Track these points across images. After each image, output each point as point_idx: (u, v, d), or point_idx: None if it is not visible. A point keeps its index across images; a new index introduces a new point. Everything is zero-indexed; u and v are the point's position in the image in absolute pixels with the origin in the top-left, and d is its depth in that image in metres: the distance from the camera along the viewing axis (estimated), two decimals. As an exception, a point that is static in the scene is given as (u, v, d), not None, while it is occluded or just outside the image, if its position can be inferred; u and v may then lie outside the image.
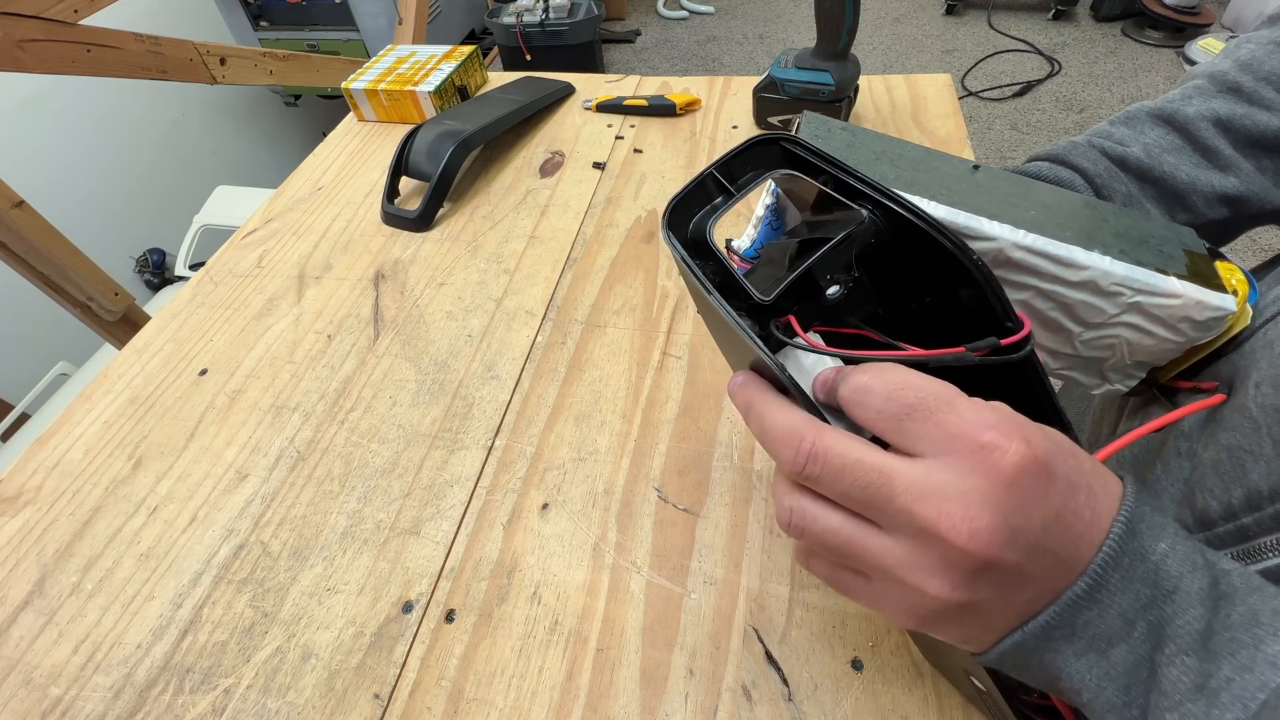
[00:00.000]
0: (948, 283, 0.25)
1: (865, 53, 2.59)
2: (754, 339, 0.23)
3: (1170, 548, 0.20)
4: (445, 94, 0.81)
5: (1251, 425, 0.24)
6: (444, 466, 0.47)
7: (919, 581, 0.20)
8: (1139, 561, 0.20)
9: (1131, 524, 0.20)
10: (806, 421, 0.22)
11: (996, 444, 0.18)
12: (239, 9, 1.97)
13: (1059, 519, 0.19)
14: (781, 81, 0.69)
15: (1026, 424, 0.20)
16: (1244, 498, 0.24)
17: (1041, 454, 0.19)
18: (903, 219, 0.24)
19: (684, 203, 0.26)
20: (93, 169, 1.74)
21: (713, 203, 0.26)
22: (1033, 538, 0.19)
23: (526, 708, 0.36)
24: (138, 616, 0.41)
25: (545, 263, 0.62)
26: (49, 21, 1.06)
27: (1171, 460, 0.30)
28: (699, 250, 0.25)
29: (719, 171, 0.26)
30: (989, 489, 0.18)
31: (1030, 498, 0.19)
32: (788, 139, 0.26)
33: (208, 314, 0.61)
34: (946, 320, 0.26)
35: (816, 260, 0.25)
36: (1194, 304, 0.28)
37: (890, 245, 0.26)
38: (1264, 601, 0.20)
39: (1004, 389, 0.24)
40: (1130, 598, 0.20)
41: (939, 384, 0.20)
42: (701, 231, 0.26)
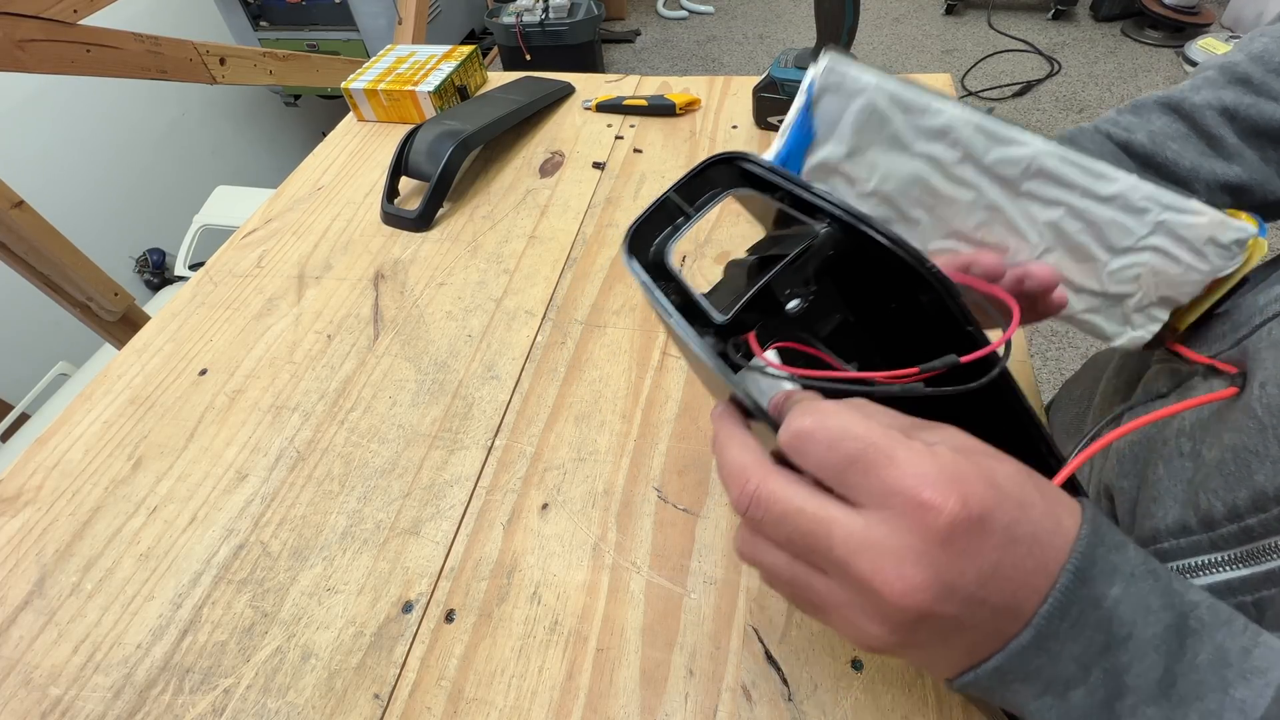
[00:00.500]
0: (909, 291, 0.26)
1: (865, 53, 2.59)
2: (713, 358, 0.23)
3: (1123, 593, 0.20)
4: (445, 94, 0.81)
5: (1257, 426, 0.24)
6: (444, 466, 0.47)
7: (860, 623, 0.21)
8: (1091, 609, 0.20)
9: (1082, 572, 0.20)
10: (756, 463, 0.22)
11: (932, 503, 0.19)
12: (239, 9, 1.97)
13: (996, 573, 0.19)
14: (781, 81, 0.69)
15: (968, 475, 0.19)
16: (1249, 499, 0.24)
17: (978, 511, 0.19)
18: (860, 231, 0.25)
19: (644, 226, 0.26)
20: (92, 169, 1.74)
21: (673, 223, 0.26)
22: (968, 592, 0.19)
23: (526, 708, 0.36)
24: (137, 616, 0.41)
25: (545, 263, 0.62)
26: (48, 21, 1.06)
27: (1174, 461, 0.30)
28: (659, 272, 0.26)
29: (677, 194, 0.26)
30: (922, 547, 0.19)
31: (964, 554, 0.19)
32: (744, 158, 0.27)
33: (207, 314, 0.61)
34: (916, 327, 0.26)
35: (773, 276, 0.25)
36: (1218, 223, 0.30)
37: (851, 256, 0.26)
38: (1232, 639, 0.20)
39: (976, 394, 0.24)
40: (1082, 644, 0.20)
41: (880, 432, 0.20)
42: (662, 254, 0.26)
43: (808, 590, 0.22)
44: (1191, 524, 0.26)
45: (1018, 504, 0.20)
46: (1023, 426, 0.26)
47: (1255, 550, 0.24)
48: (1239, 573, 0.24)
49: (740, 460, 0.23)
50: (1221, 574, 0.25)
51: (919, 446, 0.20)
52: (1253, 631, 0.20)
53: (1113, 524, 0.22)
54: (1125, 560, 0.20)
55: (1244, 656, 0.19)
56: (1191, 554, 0.26)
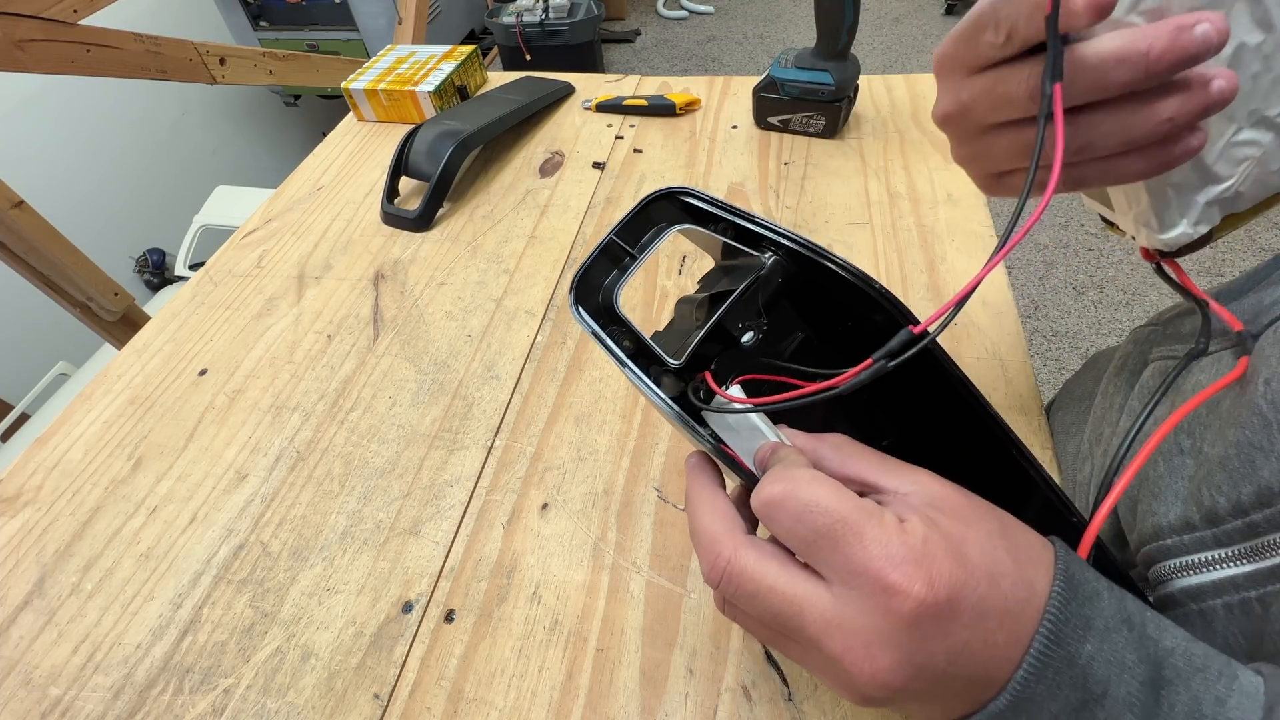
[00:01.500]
0: (862, 310, 0.26)
1: (865, 52, 2.59)
2: (673, 410, 0.22)
3: (1097, 649, 0.20)
4: (445, 94, 0.81)
5: (1262, 422, 0.24)
6: (444, 466, 0.47)
7: (836, 688, 0.21)
8: (1065, 667, 0.20)
9: (1056, 632, 0.20)
10: (727, 533, 0.23)
11: (898, 586, 0.19)
12: (238, 9, 1.97)
13: (965, 650, 0.19)
14: (781, 81, 0.69)
15: (936, 552, 0.19)
16: (1254, 494, 0.24)
17: (945, 593, 0.19)
18: (807, 257, 0.25)
19: (590, 271, 0.26)
20: (92, 169, 1.74)
21: (620, 265, 0.26)
22: (937, 670, 0.20)
23: (526, 708, 0.36)
24: (137, 617, 0.41)
25: (545, 263, 0.62)
26: (48, 21, 1.06)
27: (1174, 457, 0.30)
28: (611, 317, 0.25)
29: (618, 235, 0.26)
30: (889, 630, 0.19)
31: (932, 636, 0.19)
32: (685, 192, 0.26)
33: (207, 314, 0.61)
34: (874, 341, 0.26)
35: (724, 313, 0.25)
36: None
37: (802, 280, 0.26)
38: (1207, 688, 0.20)
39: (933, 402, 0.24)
40: (1060, 703, 0.20)
41: (850, 506, 0.20)
42: (611, 299, 0.26)
43: (787, 652, 0.23)
44: (1195, 520, 0.26)
45: (988, 578, 0.20)
46: (1007, 454, 0.26)
47: (1260, 546, 0.24)
48: (1243, 569, 0.24)
49: (711, 530, 0.23)
50: (1226, 570, 0.25)
51: (889, 521, 0.20)
52: (1228, 677, 0.20)
53: (1085, 566, 0.22)
54: (1098, 612, 0.20)
55: (1219, 706, 0.20)
56: (1195, 550, 0.26)
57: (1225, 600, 0.24)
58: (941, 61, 0.26)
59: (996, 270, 0.55)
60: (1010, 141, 0.26)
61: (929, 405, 0.27)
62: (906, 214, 0.61)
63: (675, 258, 0.60)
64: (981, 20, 0.23)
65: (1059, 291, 1.69)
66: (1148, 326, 0.40)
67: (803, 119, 0.70)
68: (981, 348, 0.50)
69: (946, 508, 0.21)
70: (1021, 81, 0.23)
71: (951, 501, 0.22)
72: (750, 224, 0.26)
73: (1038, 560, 0.21)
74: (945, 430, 0.27)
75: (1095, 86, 0.22)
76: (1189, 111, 0.22)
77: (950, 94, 0.26)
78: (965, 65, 0.25)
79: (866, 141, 0.70)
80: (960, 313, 0.52)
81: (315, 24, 1.99)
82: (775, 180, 0.67)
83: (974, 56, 0.25)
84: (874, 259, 0.58)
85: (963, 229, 0.59)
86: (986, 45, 0.24)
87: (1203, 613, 0.25)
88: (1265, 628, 0.23)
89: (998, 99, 0.24)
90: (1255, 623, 0.24)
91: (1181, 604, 0.26)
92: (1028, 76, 0.23)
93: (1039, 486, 0.26)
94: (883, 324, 0.26)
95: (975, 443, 0.26)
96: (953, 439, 0.27)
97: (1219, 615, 0.25)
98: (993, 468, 0.26)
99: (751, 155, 0.71)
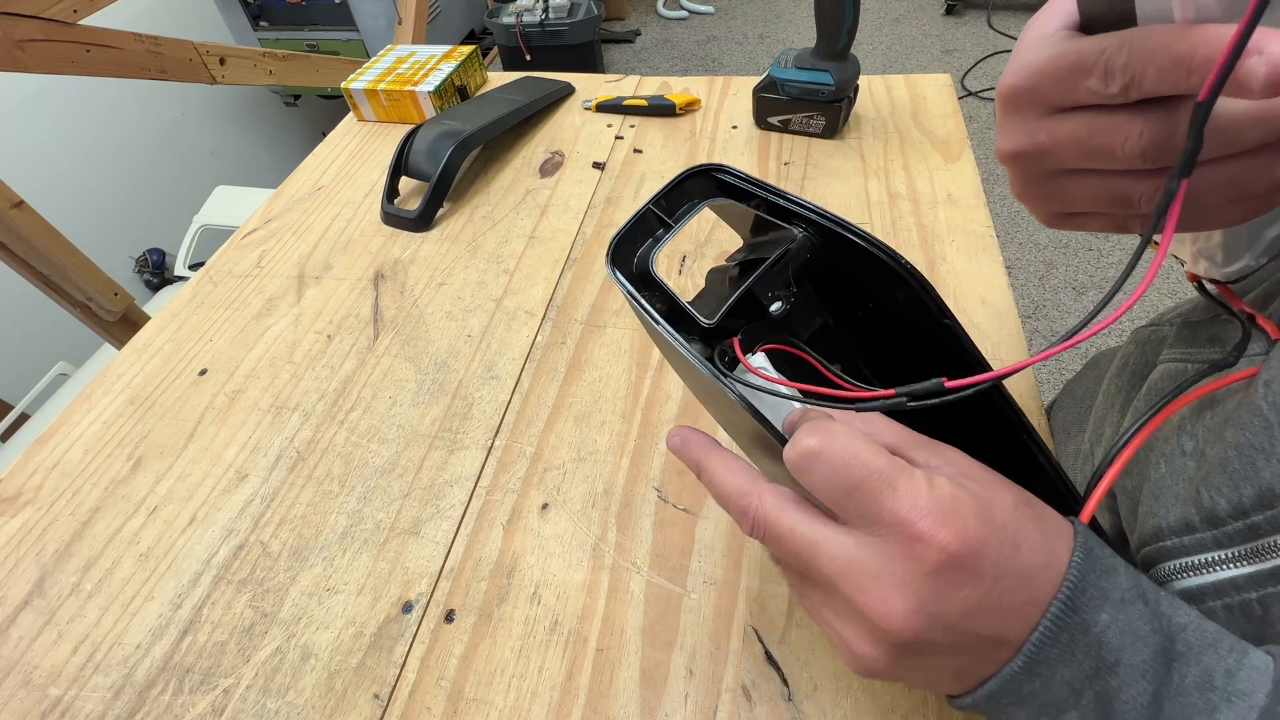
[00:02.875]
0: (886, 288, 0.26)
1: (865, 53, 2.59)
2: (703, 363, 0.23)
3: (1113, 618, 0.20)
4: (445, 94, 0.81)
5: (1263, 424, 0.24)
6: (444, 466, 0.47)
7: (849, 639, 0.22)
8: (1080, 634, 0.20)
9: (1073, 599, 0.20)
10: (751, 482, 0.24)
11: (926, 534, 0.19)
12: (238, 9, 1.97)
13: (982, 606, 0.20)
14: (781, 81, 0.69)
15: (965, 509, 0.20)
16: (1255, 496, 0.24)
17: (969, 547, 0.19)
18: (836, 233, 0.26)
19: (626, 239, 0.27)
20: (92, 169, 1.74)
21: (654, 235, 0.27)
22: (951, 621, 0.20)
23: (526, 708, 0.36)
24: (137, 617, 0.41)
25: (545, 263, 0.62)
26: (48, 21, 1.06)
27: (1176, 459, 0.30)
28: (644, 282, 0.27)
29: (656, 206, 0.27)
30: (907, 575, 0.20)
31: (951, 587, 0.20)
32: (721, 169, 0.27)
33: (207, 314, 0.61)
34: (895, 325, 0.26)
35: (755, 280, 0.26)
36: None
37: (828, 258, 0.27)
38: (1218, 661, 0.20)
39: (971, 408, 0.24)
40: (1074, 669, 0.20)
41: (885, 460, 0.21)
42: (645, 264, 0.27)
43: (807, 599, 0.24)
44: (1195, 522, 0.26)
45: (1011, 541, 0.20)
46: (1019, 439, 0.26)
47: (1260, 547, 0.24)
48: (1244, 570, 0.24)
49: (735, 484, 0.24)
50: (1226, 571, 0.25)
51: (920, 477, 0.21)
52: (1239, 652, 0.21)
53: (1104, 544, 0.22)
54: (1115, 585, 0.21)
55: (1229, 679, 0.20)
56: (1195, 551, 0.26)
57: (1225, 602, 0.24)
58: (1015, 95, 0.24)
59: (996, 270, 0.55)
60: (1094, 190, 0.23)
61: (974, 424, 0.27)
62: (907, 214, 0.61)
63: (676, 258, 0.60)
64: (1084, 63, 0.21)
65: (1059, 291, 1.69)
66: (1149, 327, 0.39)
67: (803, 119, 0.70)
68: (981, 348, 0.49)
69: (976, 477, 0.22)
70: (1131, 138, 0.21)
71: (980, 474, 0.22)
72: (782, 199, 0.27)
73: (1059, 533, 0.21)
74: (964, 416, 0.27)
75: (1221, 146, 0.20)
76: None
77: (1024, 132, 0.24)
78: (1048, 104, 0.23)
79: (866, 142, 0.70)
80: (960, 313, 0.52)
81: (315, 24, 1.99)
82: (775, 180, 0.67)
83: (1063, 98, 0.22)
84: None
85: (963, 229, 0.59)
86: (1087, 91, 0.21)
87: (1203, 614, 0.25)
88: (1265, 629, 0.23)
89: (1092, 149, 0.22)
90: (1255, 624, 0.24)
91: None
92: (1139, 134, 0.20)
93: (1048, 474, 0.26)
94: (905, 302, 0.26)
95: (989, 426, 0.27)
96: (970, 422, 0.27)
97: (1219, 617, 0.25)
98: (1005, 452, 0.26)
99: (751, 155, 0.71)
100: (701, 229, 0.63)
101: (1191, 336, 0.35)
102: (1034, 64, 0.22)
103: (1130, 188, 0.22)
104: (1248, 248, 0.29)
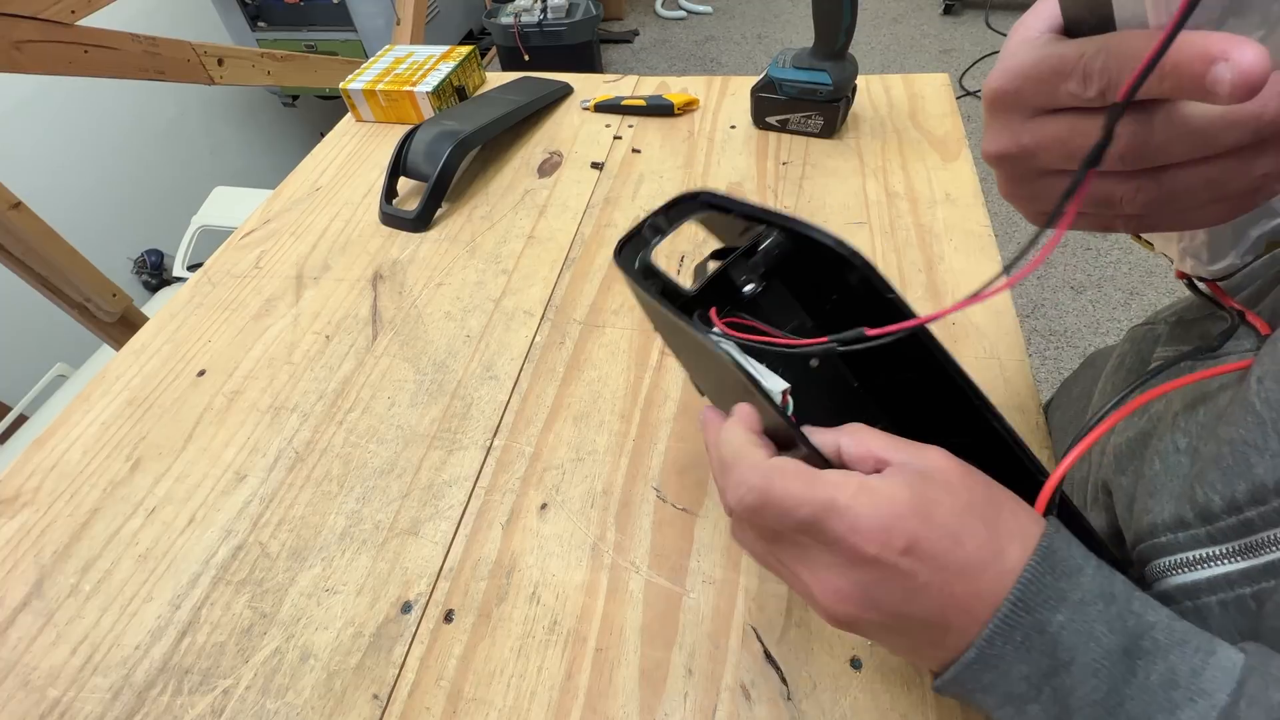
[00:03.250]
0: (840, 275, 0.31)
1: (863, 52, 2.59)
2: (687, 320, 0.28)
3: (1068, 619, 0.21)
4: (443, 94, 0.81)
5: (1256, 420, 0.24)
6: (442, 467, 0.47)
7: (815, 607, 0.25)
8: (1036, 634, 0.22)
9: (1024, 600, 0.22)
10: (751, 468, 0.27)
11: (855, 546, 0.23)
12: (236, 9, 1.97)
13: (918, 593, 0.22)
14: (779, 81, 0.69)
15: (903, 512, 0.22)
16: (1248, 492, 0.24)
17: (901, 544, 0.22)
18: (797, 232, 0.31)
19: (628, 240, 0.32)
20: (90, 170, 1.74)
21: (649, 242, 0.33)
22: (890, 606, 0.23)
23: (525, 707, 0.36)
24: (136, 618, 0.41)
25: (543, 263, 0.62)
26: (46, 22, 1.06)
27: (1170, 456, 0.30)
28: (645, 273, 0.32)
29: (653, 217, 0.33)
30: (849, 565, 0.23)
31: (887, 575, 0.23)
32: (706, 193, 0.33)
33: (206, 315, 0.61)
34: (856, 316, 0.30)
35: (730, 262, 0.32)
36: None
37: (795, 257, 0.32)
38: (1184, 660, 0.21)
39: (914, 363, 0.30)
40: (1030, 665, 0.22)
41: (820, 492, 0.23)
42: (645, 261, 0.32)
43: (780, 569, 0.27)
44: (1189, 518, 0.26)
45: (950, 537, 0.22)
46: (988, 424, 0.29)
47: (1254, 543, 0.24)
48: (1238, 565, 0.24)
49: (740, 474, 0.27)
50: (1220, 567, 0.25)
51: (853, 495, 0.23)
52: (1205, 651, 0.21)
53: (1076, 546, 0.23)
54: (1075, 586, 0.22)
55: (1193, 678, 0.20)
56: (1190, 548, 0.26)
57: (1220, 597, 0.25)
58: (999, 98, 0.24)
59: (994, 270, 0.55)
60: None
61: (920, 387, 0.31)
62: (905, 214, 0.61)
63: (675, 257, 0.61)
64: (1065, 67, 0.21)
65: (1057, 290, 1.69)
66: (1144, 325, 0.40)
67: (801, 119, 0.71)
68: (980, 347, 0.50)
69: (937, 477, 0.24)
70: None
71: (945, 473, 0.24)
72: (753, 209, 0.32)
73: (1018, 534, 0.23)
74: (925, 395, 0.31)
75: (1197, 148, 0.20)
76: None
77: (1009, 134, 0.25)
78: (1031, 107, 0.23)
79: (865, 141, 0.70)
80: (959, 312, 0.52)
81: (313, 24, 1.99)
82: (773, 180, 0.67)
83: (1045, 101, 0.23)
84: (872, 258, 0.58)
85: (961, 228, 0.59)
86: (1067, 94, 0.22)
87: (1198, 609, 0.25)
88: (1259, 624, 0.23)
89: (1073, 151, 0.22)
90: (1249, 619, 0.24)
91: (1177, 601, 0.26)
92: (1118, 137, 0.21)
93: (1010, 448, 0.29)
94: (858, 285, 0.31)
95: (951, 407, 0.30)
96: (938, 413, 0.31)
97: (1214, 612, 0.25)
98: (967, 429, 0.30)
99: (750, 155, 0.71)
100: (699, 233, 0.63)
101: (1185, 334, 0.35)
102: (1017, 67, 0.23)
103: (1112, 189, 0.23)
104: (1233, 246, 0.29)
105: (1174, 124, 0.20)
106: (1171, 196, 0.22)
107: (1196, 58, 0.17)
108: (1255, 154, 0.21)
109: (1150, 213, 0.23)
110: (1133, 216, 0.24)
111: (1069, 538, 0.24)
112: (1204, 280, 0.31)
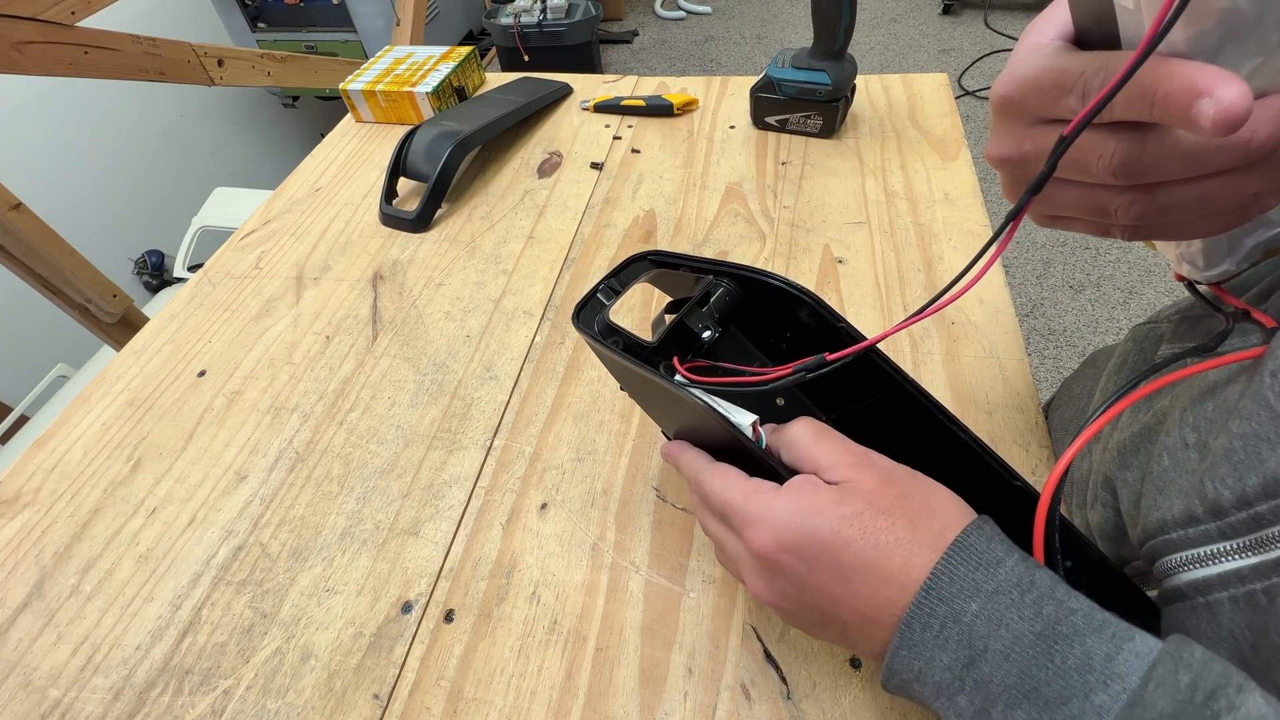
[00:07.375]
0: (792, 313, 0.34)
1: (862, 52, 2.59)
2: (653, 372, 0.30)
3: (981, 608, 0.23)
4: (443, 95, 0.81)
5: (1269, 414, 0.24)
6: (443, 467, 0.47)
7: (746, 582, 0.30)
8: (952, 623, 0.23)
9: (936, 589, 0.24)
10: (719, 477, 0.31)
11: (758, 545, 0.27)
12: (236, 10, 1.97)
13: (815, 586, 0.26)
14: (778, 81, 0.69)
15: (799, 514, 0.26)
16: (1259, 486, 0.24)
17: (791, 543, 0.26)
18: (746, 277, 0.34)
19: (586, 304, 0.34)
20: (91, 171, 1.74)
21: (605, 302, 0.35)
22: (793, 595, 0.27)
23: (526, 707, 0.36)
24: (137, 618, 0.41)
25: (543, 263, 0.62)
26: (46, 23, 1.06)
27: (1178, 451, 0.30)
28: (604, 332, 0.34)
29: (606, 281, 0.35)
30: (754, 563, 0.28)
31: (783, 569, 0.27)
32: (655, 253, 0.36)
33: (206, 315, 0.61)
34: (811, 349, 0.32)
35: (685, 311, 0.35)
36: None
37: (746, 301, 0.35)
38: (1100, 644, 0.21)
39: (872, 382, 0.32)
40: (950, 655, 0.23)
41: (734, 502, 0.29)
42: (604, 321, 0.34)
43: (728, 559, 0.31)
44: (1198, 513, 0.26)
45: (841, 539, 0.25)
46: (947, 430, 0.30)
47: (1265, 538, 0.24)
48: (1249, 560, 0.24)
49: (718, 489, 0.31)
50: (1231, 563, 0.25)
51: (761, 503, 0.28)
52: (1122, 637, 0.22)
53: (998, 542, 0.25)
54: (991, 578, 0.24)
55: (1107, 662, 0.21)
56: (1200, 543, 0.26)
57: (1231, 593, 0.24)
58: (1005, 104, 0.25)
59: (993, 269, 0.55)
60: (1075, 198, 0.25)
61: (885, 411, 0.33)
62: (904, 213, 0.62)
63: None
64: (1066, 82, 0.22)
65: (1056, 290, 1.69)
66: (1147, 324, 0.40)
67: (800, 119, 0.71)
68: (979, 346, 0.50)
69: (852, 482, 0.27)
70: (1104, 157, 0.22)
71: (862, 480, 0.27)
72: (700, 262, 0.35)
73: (927, 539, 0.25)
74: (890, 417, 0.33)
75: (1188, 168, 0.21)
76: (1277, 185, 0.22)
77: (1011, 139, 0.25)
78: (1034, 115, 0.24)
79: (864, 141, 0.70)
80: (958, 311, 0.52)
81: (313, 25, 1.99)
82: (773, 180, 0.67)
83: (1047, 111, 0.24)
84: (871, 258, 0.58)
85: (960, 228, 0.59)
86: (1067, 108, 0.22)
87: (1209, 606, 0.25)
88: (1270, 620, 0.23)
89: (1070, 163, 0.23)
90: (1260, 615, 0.24)
91: (1188, 597, 0.26)
92: (1112, 153, 0.22)
93: (979, 455, 0.30)
94: (809, 319, 0.33)
95: (916, 425, 0.32)
96: (896, 424, 0.33)
97: (1225, 608, 0.25)
98: (934, 445, 0.31)
99: (749, 155, 0.71)
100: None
101: (1189, 332, 0.35)
102: (1023, 76, 0.24)
103: (1108, 199, 0.24)
104: (1229, 254, 0.30)
105: (1166, 145, 0.21)
106: (1165, 210, 0.23)
107: (1184, 89, 0.18)
108: (1245, 174, 0.21)
109: (1144, 224, 0.24)
110: (1128, 226, 0.25)
111: (992, 534, 0.25)
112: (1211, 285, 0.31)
